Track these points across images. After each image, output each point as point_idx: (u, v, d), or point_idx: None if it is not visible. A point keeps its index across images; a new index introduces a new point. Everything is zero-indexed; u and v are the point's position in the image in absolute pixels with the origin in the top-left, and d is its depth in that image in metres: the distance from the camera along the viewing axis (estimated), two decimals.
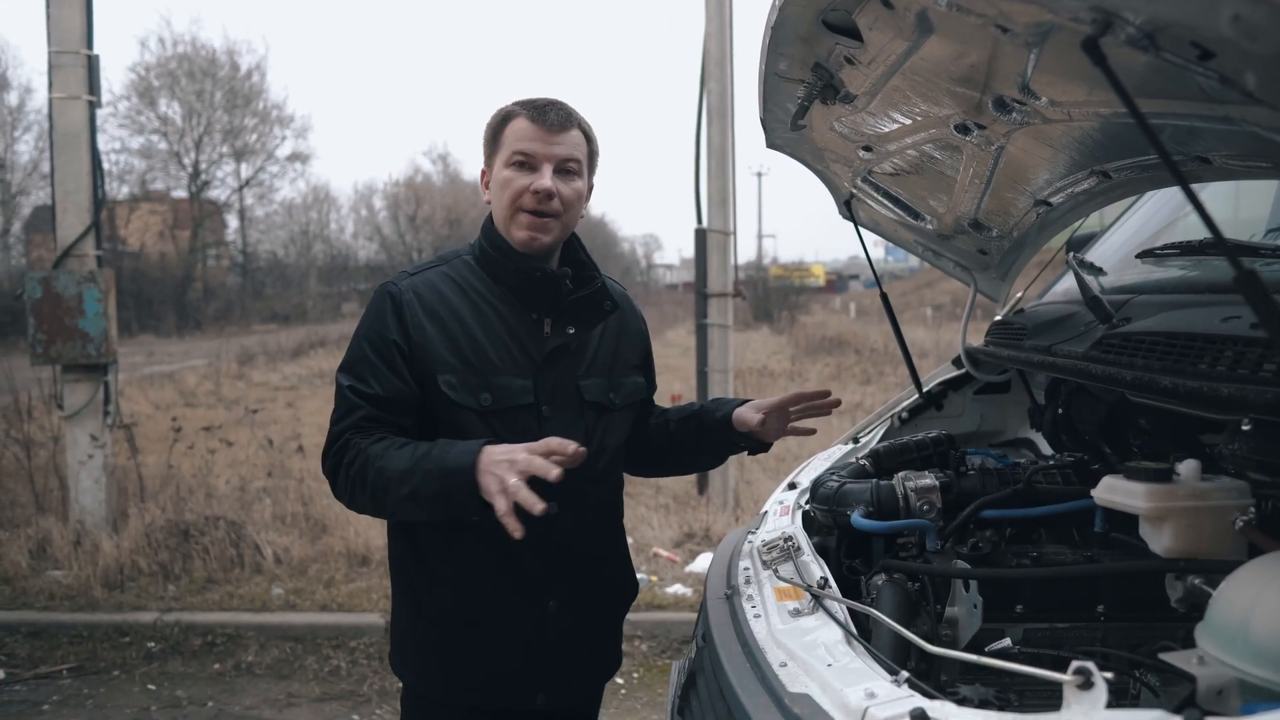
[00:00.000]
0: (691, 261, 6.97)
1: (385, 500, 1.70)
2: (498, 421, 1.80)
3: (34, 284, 5.66)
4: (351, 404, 1.78)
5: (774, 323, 26.79)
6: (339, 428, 1.79)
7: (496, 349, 1.83)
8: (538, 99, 1.88)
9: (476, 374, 1.80)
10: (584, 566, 1.90)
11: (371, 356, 1.80)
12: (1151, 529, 1.29)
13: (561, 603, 1.87)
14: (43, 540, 5.66)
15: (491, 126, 1.90)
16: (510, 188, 1.82)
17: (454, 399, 1.78)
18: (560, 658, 1.89)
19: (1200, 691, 0.99)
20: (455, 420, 1.79)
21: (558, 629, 1.87)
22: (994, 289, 2.52)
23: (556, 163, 1.82)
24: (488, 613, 1.85)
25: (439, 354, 1.79)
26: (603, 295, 1.94)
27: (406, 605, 1.93)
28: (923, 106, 1.75)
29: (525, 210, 1.82)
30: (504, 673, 1.86)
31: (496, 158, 1.87)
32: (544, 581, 1.85)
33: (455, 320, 1.82)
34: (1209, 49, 0.90)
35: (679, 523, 6.11)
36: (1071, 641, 1.58)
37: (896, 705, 1.10)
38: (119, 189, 31.31)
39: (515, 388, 1.82)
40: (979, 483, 1.81)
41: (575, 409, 1.88)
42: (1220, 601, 1.06)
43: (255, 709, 4.09)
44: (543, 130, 1.82)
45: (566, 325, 1.88)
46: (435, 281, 1.86)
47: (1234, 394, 1.20)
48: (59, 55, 5.72)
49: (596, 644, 1.99)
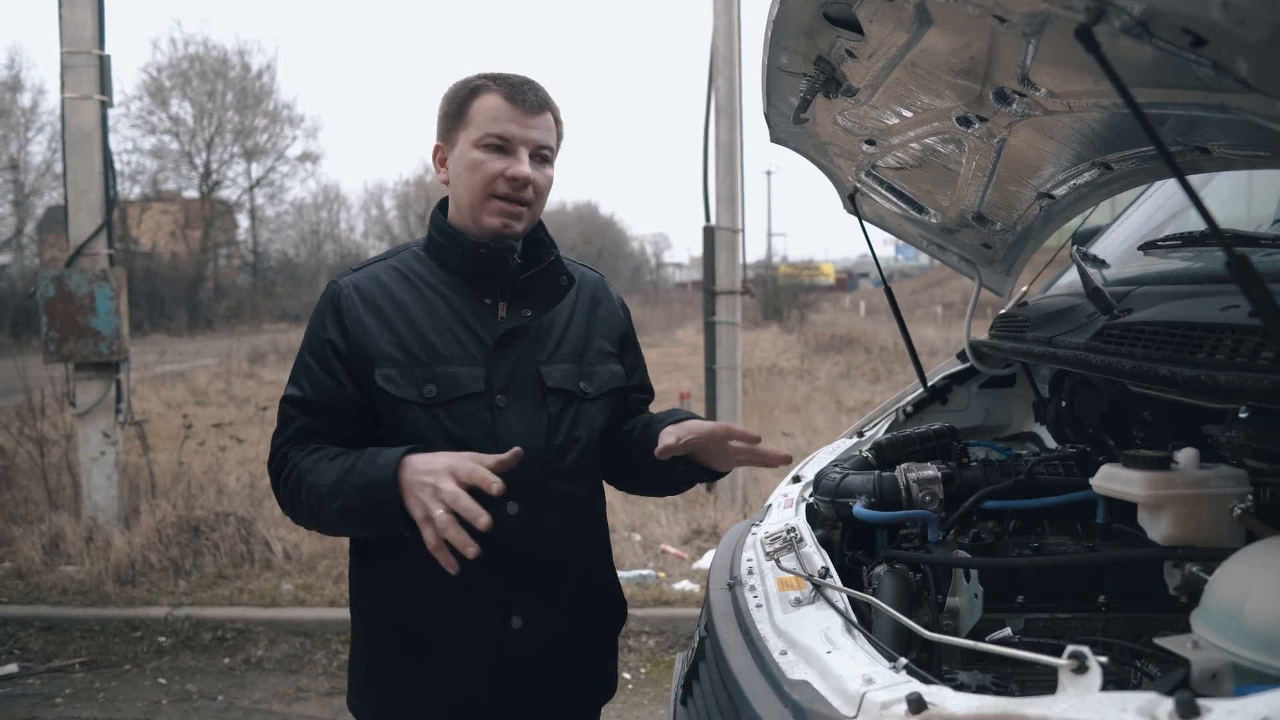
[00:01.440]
0: (701, 260, 6.98)
1: (320, 517, 1.60)
2: (445, 414, 1.65)
3: (47, 283, 5.71)
4: (288, 415, 1.69)
5: (783, 321, 26.77)
6: (276, 441, 1.70)
7: (442, 337, 1.69)
8: (510, 75, 1.73)
9: (420, 365, 1.66)
10: (554, 576, 1.72)
11: (309, 361, 1.70)
12: (1150, 517, 1.30)
13: (528, 619, 1.69)
14: (55, 536, 5.72)
15: (455, 99, 1.73)
16: (482, 171, 1.67)
17: (393, 393, 1.64)
18: (529, 682, 1.72)
19: (1194, 675, 1.00)
20: (398, 417, 1.65)
21: (524, 649, 1.69)
22: (999, 283, 2.52)
23: (532, 148, 1.69)
24: (440, 632, 1.68)
25: (378, 348, 1.66)
26: (556, 270, 1.77)
27: (359, 629, 1.79)
28: (924, 99, 1.75)
29: (498, 196, 1.68)
30: (463, 700, 1.69)
31: (461, 134, 1.71)
32: (502, 595, 1.67)
33: (397, 311, 1.69)
34: (1201, 35, 0.91)
35: (687, 519, 6.12)
36: (1073, 631, 1.59)
37: (894, 690, 1.11)
38: (131, 189, 31.57)
39: (463, 377, 1.67)
40: (981, 474, 1.81)
41: (536, 397, 1.71)
42: (1215, 587, 1.06)
43: (264, 703, 4.13)
44: (520, 111, 1.68)
45: (522, 307, 1.73)
46: (379, 275, 1.74)
47: (1231, 382, 1.20)
48: (71, 56, 5.77)
49: (577, 666, 1.79)
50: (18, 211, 29.33)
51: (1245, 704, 0.82)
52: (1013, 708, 0.97)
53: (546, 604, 1.72)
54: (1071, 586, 1.60)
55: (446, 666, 1.69)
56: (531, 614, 1.70)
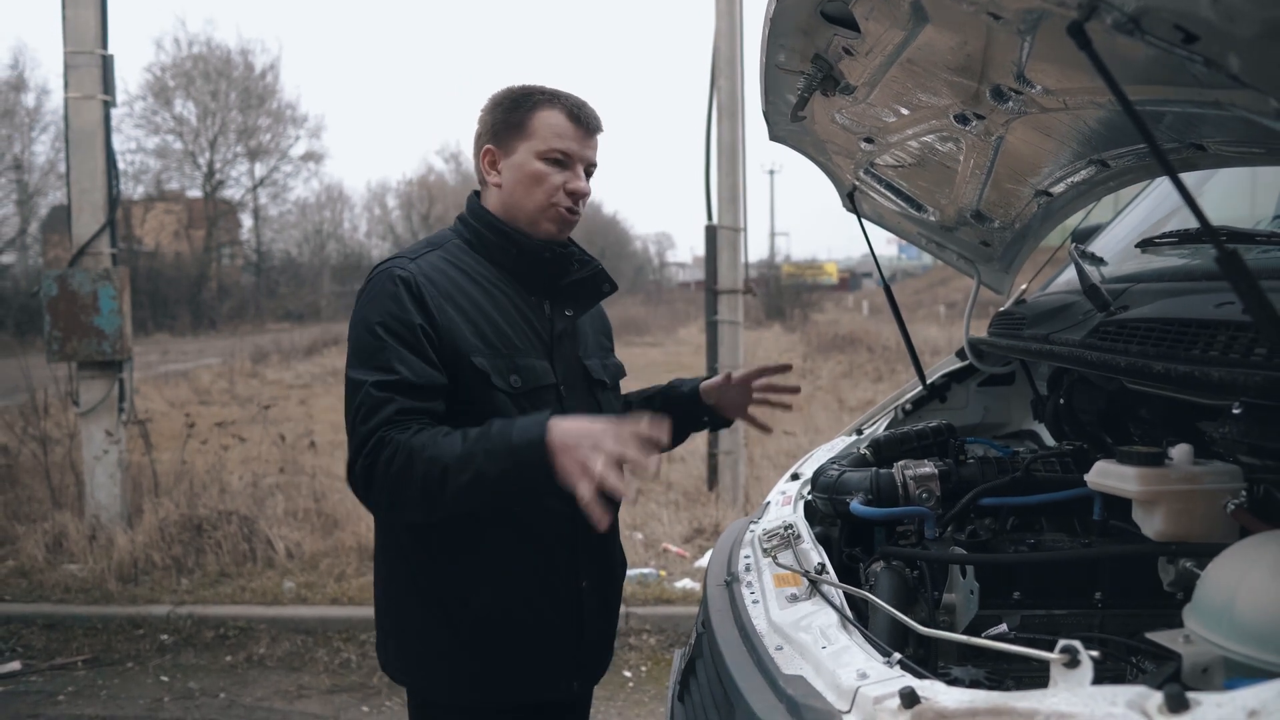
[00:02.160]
0: (703, 260, 6.99)
1: (440, 493, 1.55)
2: (526, 403, 1.75)
3: (50, 282, 5.73)
4: (377, 400, 1.62)
5: (786, 320, 26.75)
6: (368, 427, 1.61)
7: (516, 331, 1.79)
8: (569, 94, 1.85)
9: (502, 356, 1.75)
10: (601, 543, 1.88)
11: (393, 344, 1.66)
12: (1144, 512, 1.30)
13: (591, 581, 1.86)
14: (59, 535, 5.73)
15: (515, 108, 1.82)
16: (546, 183, 1.79)
17: (491, 380, 1.71)
18: (591, 639, 1.88)
19: (1185, 669, 1.00)
20: (490, 403, 1.70)
21: (590, 609, 1.86)
22: (998, 281, 2.52)
23: (587, 165, 1.84)
24: (530, 606, 1.78)
25: (466, 338, 1.71)
26: (603, 278, 1.92)
27: (429, 613, 1.79)
28: (922, 97, 1.76)
29: (560, 207, 1.81)
30: (544, 665, 1.82)
31: (521, 144, 1.80)
32: (575, 564, 1.83)
33: (470, 303, 1.76)
34: (1192, 32, 0.91)
35: (689, 518, 6.13)
36: (1069, 628, 1.59)
37: (887, 685, 1.12)
38: (135, 189, 31.61)
39: (539, 369, 1.79)
40: (978, 471, 1.82)
41: (586, 388, 1.89)
42: (1207, 582, 1.07)
43: (266, 700, 4.13)
44: (582, 131, 1.81)
45: (564, 308, 1.88)
46: (441, 266, 1.78)
47: (1224, 378, 1.20)
48: (74, 55, 5.78)
49: (613, 621, 1.99)
50: (22, 211, 29.39)
51: (1233, 697, 0.82)
52: (1004, 702, 0.97)
53: (601, 565, 1.90)
54: (1067, 583, 1.60)
55: (535, 636, 1.79)
56: (593, 576, 1.87)
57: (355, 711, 4.03)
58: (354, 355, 1.70)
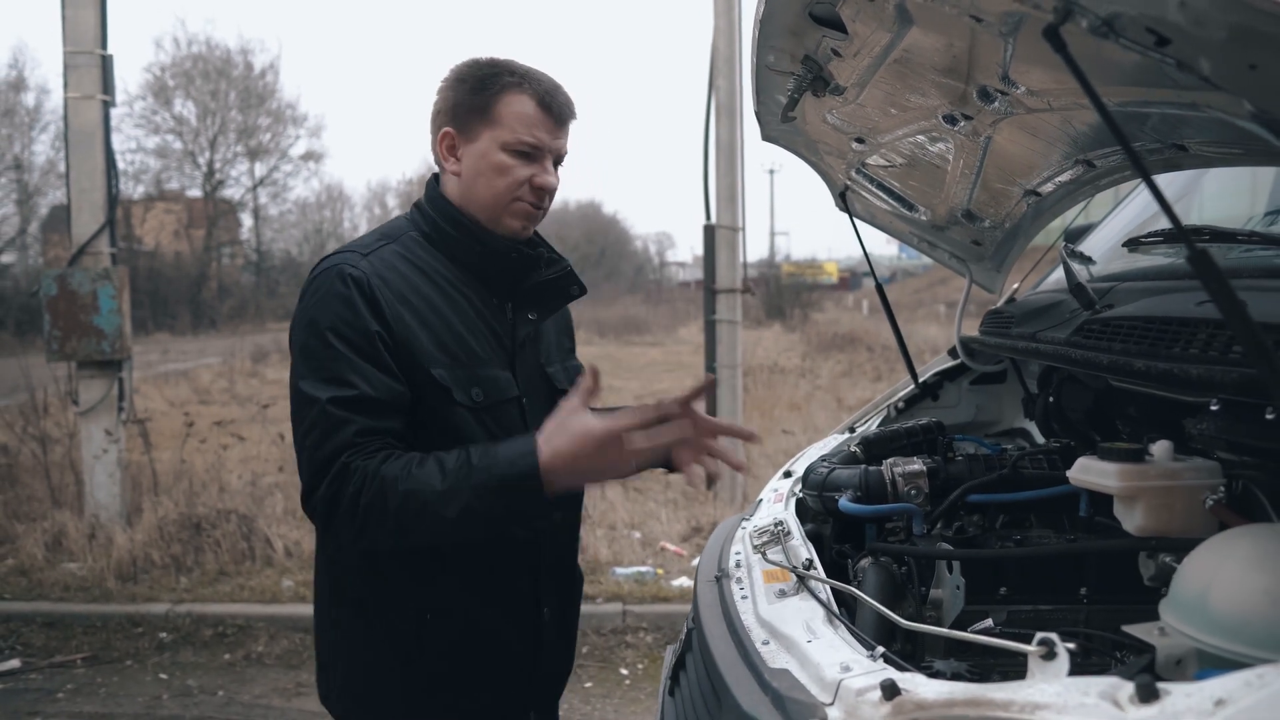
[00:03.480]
0: (703, 259, 7.00)
1: (418, 526, 1.45)
2: (489, 418, 1.62)
3: (49, 281, 5.75)
4: (335, 420, 1.46)
5: (786, 320, 26.76)
6: (325, 452, 1.46)
7: (476, 339, 1.64)
8: (540, 75, 1.65)
9: (463, 367, 1.60)
10: (568, 563, 1.83)
11: (348, 353, 1.50)
12: (1124, 508, 1.32)
13: (552, 609, 1.76)
14: (58, 533, 5.76)
15: (480, 89, 1.62)
16: (511, 176, 1.62)
17: (453, 394, 1.57)
18: (550, 665, 1.80)
19: (1159, 661, 1.02)
20: (451, 419, 1.57)
21: (551, 637, 1.77)
22: (989, 280, 2.54)
23: (557, 156, 1.67)
24: (487, 638, 1.68)
25: (424, 347, 1.56)
26: (571, 279, 1.76)
27: (382, 650, 1.67)
28: (910, 98, 1.77)
29: (524, 202, 1.65)
30: (503, 698, 1.72)
31: (485, 131, 1.62)
32: (536, 590, 1.73)
33: (428, 308, 1.60)
34: (1164, 35, 0.93)
35: (687, 517, 6.15)
36: (1055, 623, 1.60)
37: (870, 677, 1.13)
38: (134, 188, 31.60)
39: (502, 380, 1.65)
40: (966, 468, 1.83)
41: (547, 399, 1.72)
42: (1183, 576, 1.08)
43: (264, 698, 4.16)
44: (552, 121, 1.64)
45: (528, 311, 1.72)
46: (394, 263, 1.61)
47: (1202, 375, 1.22)
48: (74, 55, 5.80)
49: (572, 643, 1.89)
50: (21, 211, 29.41)
51: (1202, 687, 0.84)
52: (981, 693, 0.99)
53: (562, 592, 1.81)
54: (1053, 579, 1.62)
55: (492, 667, 1.69)
56: (554, 603, 1.77)
57: None
58: (302, 364, 1.53)
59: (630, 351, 18.11)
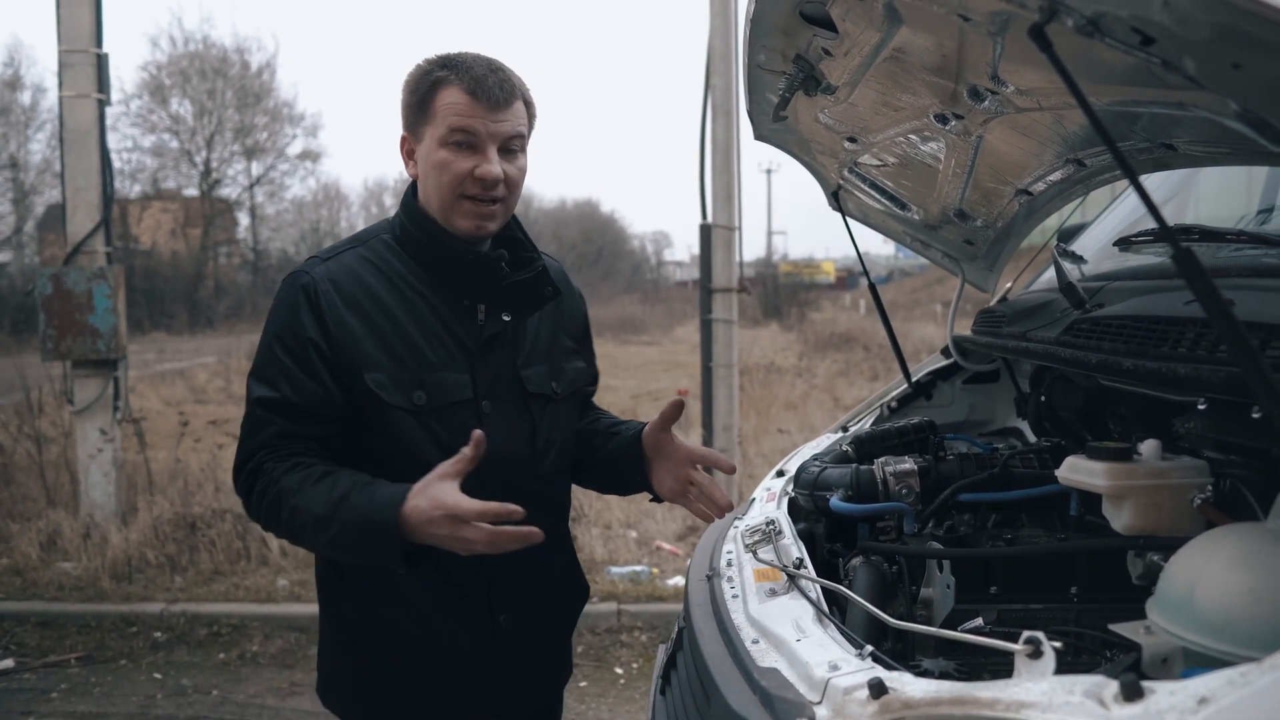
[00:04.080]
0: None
1: (303, 541, 1.57)
2: (435, 421, 1.61)
3: (44, 280, 5.74)
4: (259, 419, 1.57)
5: (783, 319, 26.78)
6: (249, 446, 1.58)
7: (430, 342, 1.63)
8: (472, 62, 1.61)
9: (409, 370, 1.61)
10: (534, 572, 1.73)
11: (283, 358, 1.58)
12: (1113, 507, 1.32)
13: (512, 616, 1.72)
14: (53, 533, 5.75)
15: (417, 90, 1.63)
16: (450, 171, 1.59)
17: (384, 399, 1.59)
18: (511, 674, 1.75)
19: (1145, 659, 1.02)
20: (387, 422, 1.60)
21: (509, 644, 1.72)
22: (982, 279, 2.54)
23: (501, 141, 1.60)
24: (431, 634, 1.68)
25: (365, 350, 1.59)
26: (543, 280, 1.73)
27: (339, 638, 1.75)
28: (901, 97, 1.78)
29: (469, 197, 1.61)
30: (452, 698, 1.72)
31: (426, 129, 1.62)
32: (490, 595, 1.70)
33: (380, 312, 1.62)
34: (1149, 34, 0.93)
35: (683, 516, 6.14)
36: (1045, 622, 1.61)
37: (857, 676, 1.14)
38: (131, 187, 31.53)
39: (451, 383, 1.63)
40: (957, 467, 1.83)
41: (519, 402, 1.71)
42: (1169, 575, 1.09)
43: (259, 697, 4.15)
44: (484, 106, 1.58)
45: (502, 312, 1.70)
46: (354, 267, 1.64)
47: (1190, 374, 1.22)
48: (69, 54, 5.79)
49: (549, 653, 1.85)
50: (17, 209, 29.33)
51: (1186, 685, 0.84)
52: (967, 691, 0.99)
53: (528, 600, 1.76)
54: (1043, 578, 1.62)
55: (437, 667, 1.70)
56: (516, 610, 1.73)
57: None
58: (254, 363, 1.64)
59: (627, 351, 18.10)
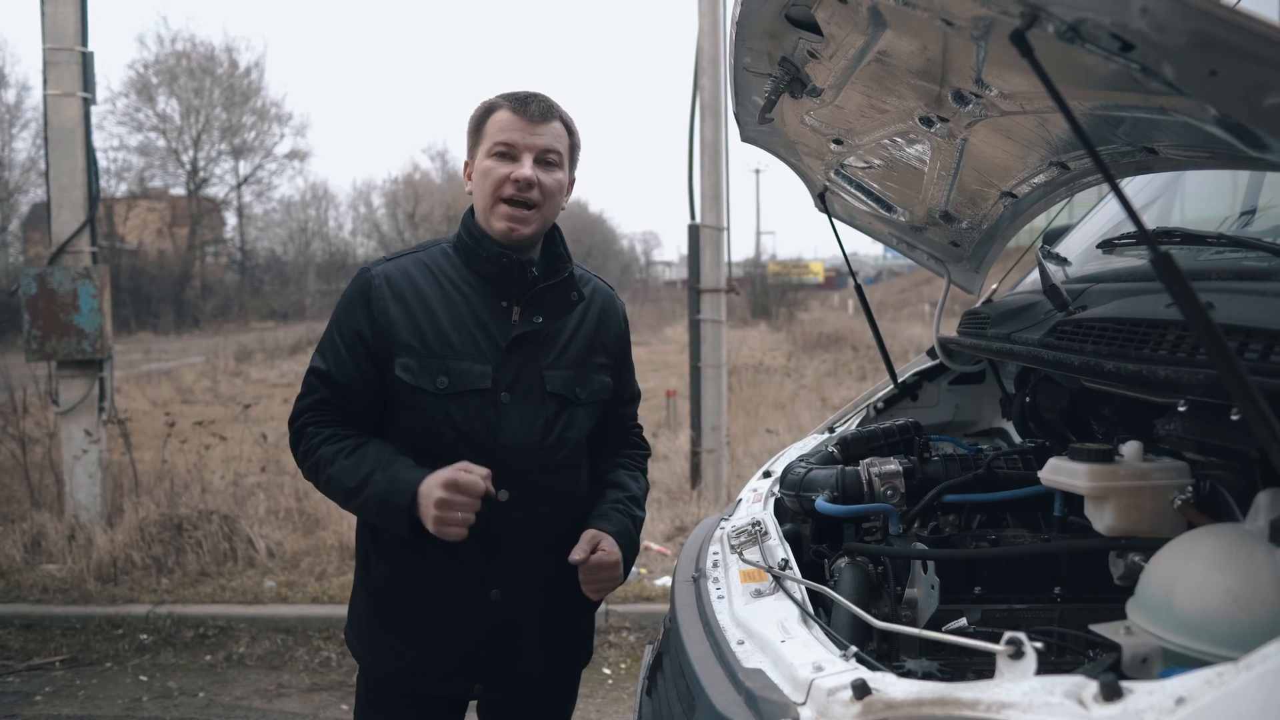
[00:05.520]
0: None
1: (336, 499, 1.87)
2: (454, 406, 1.83)
3: (29, 280, 5.70)
4: (311, 384, 1.90)
5: (772, 319, 26.81)
6: (300, 405, 1.91)
7: (458, 333, 1.85)
8: (520, 91, 1.90)
9: (436, 356, 1.83)
10: (534, 558, 1.89)
11: (337, 341, 1.88)
12: (1094, 508, 1.33)
13: (505, 593, 1.87)
14: (37, 535, 5.70)
15: (475, 119, 1.92)
16: (491, 177, 1.85)
17: (409, 382, 1.83)
18: (502, 649, 1.89)
19: (1125, 659, 1.03)
20: (412, 402, 1.84)
21: (500, 619, 1.88)
22: (968, 280, 2.55)
23: (537, 153, 1.85)
24: (425, 595, 1.88)
25: (400, 337, 1.84)
26: (569, 286, 1.95)
27: (361, 579, 1.99)
28: (887, 100, 1.78)
29: (504, 200, 1.84)
30: (438, 658, 1.88)
31: (479, 149, 1.89)
32: (486, 570, 1.86)
33: (420, 303, 1.86)
34: (1128, 41, 0.94)
35: (671, 516, 6.15)
36: (1029, 621, 1.62)
37: (841, 677, 1.14)
38: (117, 186, 31.38)
39: (473, 372, 1.84)
40: (942, 468, 1.84)
41: (537, 398, 1.89)
42: (1148, 575, 1.10)
43: (246, 699, 4.14)
44: (523, 121, 1.84)
45: (535, 314, 1.91)
46: (408, 267, 1.91)
47: (1170, 376, 1.23)
48: (53, 52, 5.75)
49: (551, 636, 1.96)
50: (1, 208, 29.09)
51: (1164, 685, 0.85)
52: (950, 692, 1.00)
53: (524, 582, 1.89)
54: (1027, 578, 1.63)
55: (434, 625, 1.88)
56: (509, 589, 1.88)
57: (335, 710, 4.03)
58: (321, 339, 1.94)
59: None
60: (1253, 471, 1.23)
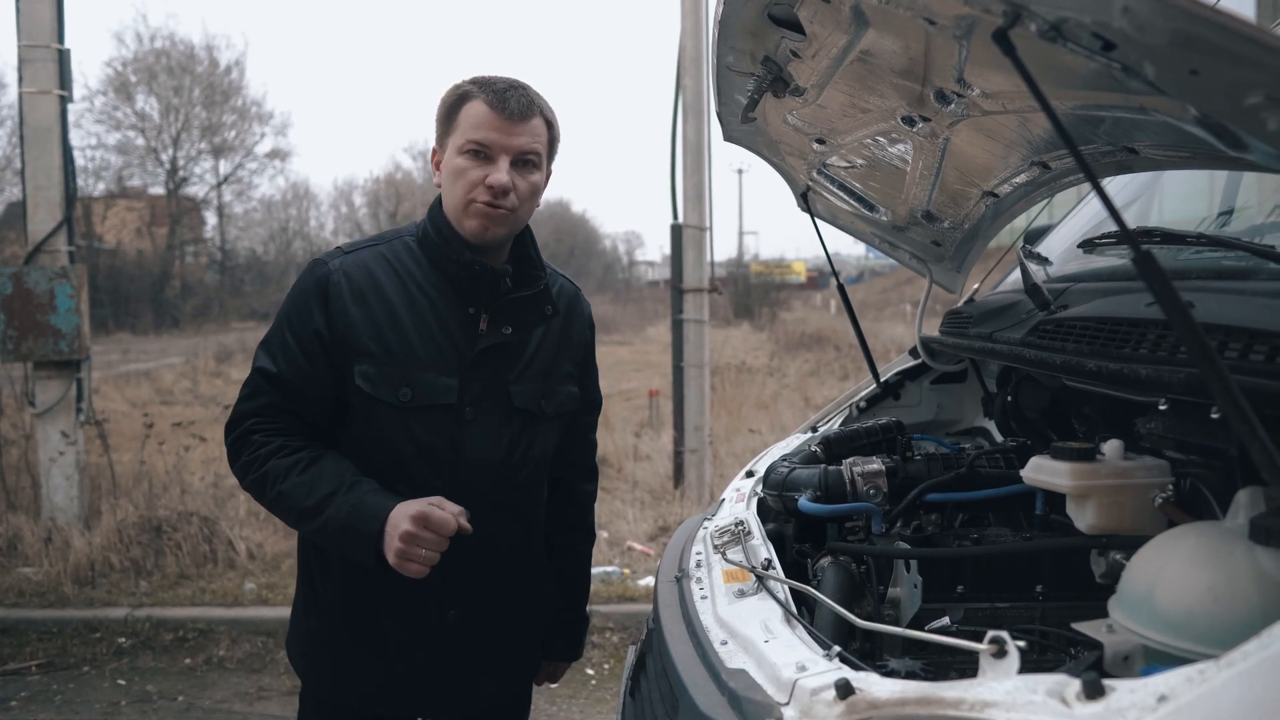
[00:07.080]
0: None
1: (286, 519, 1.72)
2: (415, 421, 1.70)
3: (4, 280, 5.63)
4: (257, 386, 1.73)
5: (754, 319, 26.87)
6: (243, 408, 1.74)
7: (424, 341, 1.71)
8: (497, 80, 1.73)
9: (399, 365, 1.69)
10: (491, 578, 1.81)
11: (289, 339, 1.72)
12: (1076, 507, 1.33)
13: (463, 613, 1.78)
14: (13, 537, 5.64)
15: (446, 104, 1.75)
16: (464, 179, 1.69)
17: (369, 392, 1.69)
18: (458, 671, 1.81)
19: (1107, 657, 1.04)
20: (371, 415, 1.70)
21: (456, 642, 1.79)
22: (950, 280, 2.56)
23: (515, 154, 1.69)
24: (378, 620, 1.76)
25: (360, 342, 1.69)
26: (544, 299, 1.83)
27: (305, 598, 1.86)
28: (869, 99, 1.78)
29: (479, 202, 1.70)
30: (390, 682, 1.78)
31: (450, 140, 1.73)
32: (442, 592, 1.75)
33: (383, 306, 1.71)
34: (1109, 40, 0.94)
35: (654, 516, 6.15)
36: (1012, 620, 1.62)
37: (824, 677, 1.14)
38: (95, 185, 31.01)
39: (439, 386, 1.71)
40: (924, 467, 1.85)
41: (502, 415, 1.77)
42: (1130, 573, 1.10)
43: (226, 702, 4.10)
44: (502, 119, 1.67)
45: (504, 324, 1.77)
46: (369, 263, 1.75)
47: (1151, 375, 1.24)
48: (29, 49, 5.69)
49: (502, 654, 1.89)
50: None
51: (1146, 683, 0.85)
52: (933, 691, 1.00)
53: (481, 601, 1.81)
54: (1009, 576, 1.64)
55: (387, 649, 1.77)
56: (467, 609, 1.79)
57: None
58: (266, 334, 1.78)
59: (599, 350, 17.99)
60: (1233, 469, 1.23)
